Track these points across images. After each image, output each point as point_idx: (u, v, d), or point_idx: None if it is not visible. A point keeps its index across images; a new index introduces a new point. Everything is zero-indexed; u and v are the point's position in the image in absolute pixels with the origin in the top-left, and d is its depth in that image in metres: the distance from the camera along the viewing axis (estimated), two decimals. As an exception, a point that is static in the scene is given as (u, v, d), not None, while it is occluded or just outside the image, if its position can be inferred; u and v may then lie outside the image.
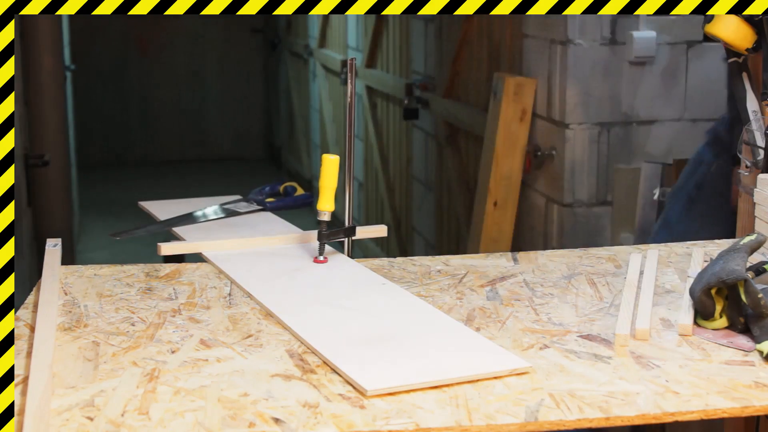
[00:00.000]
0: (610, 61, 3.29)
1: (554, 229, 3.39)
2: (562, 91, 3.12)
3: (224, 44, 8.49)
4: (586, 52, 3.29)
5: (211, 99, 8.67)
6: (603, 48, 3.30)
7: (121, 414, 1.11)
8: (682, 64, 3.35)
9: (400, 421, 1.11)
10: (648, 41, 3.27)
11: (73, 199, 5.40)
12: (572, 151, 3.14)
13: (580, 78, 3.14)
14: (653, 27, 3.30)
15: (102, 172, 7.98)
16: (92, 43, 8.15)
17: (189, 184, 7.67)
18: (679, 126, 3.41)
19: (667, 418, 1.14)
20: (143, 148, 8.58)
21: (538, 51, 3.26)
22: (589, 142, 3.17)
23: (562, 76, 3.12)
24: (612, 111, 3.36)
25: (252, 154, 8.58)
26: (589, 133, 3.15)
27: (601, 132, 3.42)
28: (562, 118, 3.12)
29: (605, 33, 3.31)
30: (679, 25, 3.30)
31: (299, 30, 7.14)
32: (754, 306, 1.35)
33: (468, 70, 3.87)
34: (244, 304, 1.51)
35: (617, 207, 3.47)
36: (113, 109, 8.46)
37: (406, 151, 4.76)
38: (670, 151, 3.41)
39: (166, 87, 8.54)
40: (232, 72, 8.56)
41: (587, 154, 3.18)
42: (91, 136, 8.19)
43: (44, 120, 3.63)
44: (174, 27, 8.41)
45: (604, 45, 3.31)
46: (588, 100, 3.17)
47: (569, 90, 3.11)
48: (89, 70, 7.99)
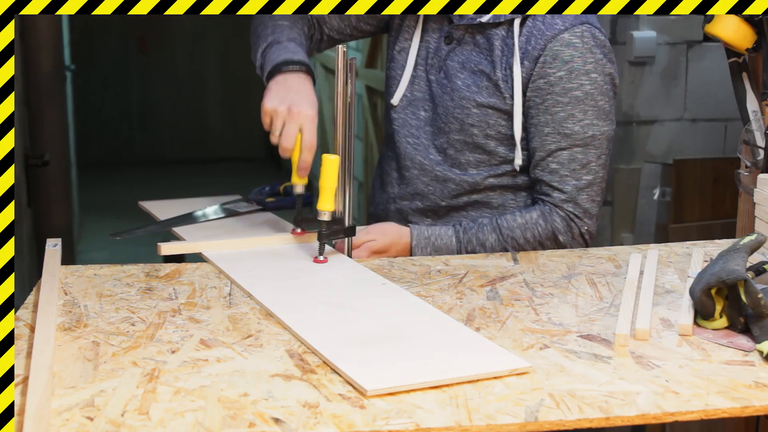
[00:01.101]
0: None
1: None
2: (562, 91, 3.11)
3: (224, 44, 8.50)
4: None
5: (211, 99, 8.67)
6: (603, 48, 3.29)
7: (121, 414, 1.11)
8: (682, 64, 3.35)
9: (400, 421, 1.11)
10: (648, 41, 3.28)
11: (73, 199, 5.40)
12: (572, 151, 3.13)
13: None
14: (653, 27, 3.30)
15: (102, 172, 7.97)
16: (92, 43, 8.15)
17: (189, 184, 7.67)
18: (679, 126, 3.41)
19: (667, 418, 1.14)
20: (143, 148, 8.58)
21: (538, 51, 3.26)
22: (589, 142, 3.15)
23: (562, 76, 3.11)
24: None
25: (252, 154, 8.58)
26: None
27: (601, 132, 3.40)
28: (562, 118, 3.11)
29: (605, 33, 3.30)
30: (679, 25, 3.30)
31: (299, 30, 7.12)
32: (754, 306, 1.35)
33: (468, 70, 3.86)
34: (244, 304, 1.51)
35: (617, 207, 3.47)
36: (113, 109, 8.46)
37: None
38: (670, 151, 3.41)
39: (166, 87, 8.54)
40: (232, 72, 8.56)
41: (587, 154, 3.17)
42: (91, 136, 8.19)
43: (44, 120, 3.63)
44: (174, 27, 8.41)
45: (604, 45, 3.31)
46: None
47: (569, 90, 3.10)
48: (89, 70, 7.99)
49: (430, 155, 1.93)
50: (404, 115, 1.97)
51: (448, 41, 1.91)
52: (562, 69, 1.80)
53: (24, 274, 3.30)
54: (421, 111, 1.95)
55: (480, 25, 1.86)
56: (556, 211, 1.86)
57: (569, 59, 1.80)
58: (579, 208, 1.86)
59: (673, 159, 3.34)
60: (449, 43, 1.91)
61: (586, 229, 1.87)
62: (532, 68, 1.81)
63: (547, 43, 1.80)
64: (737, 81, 2.11)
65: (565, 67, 1.80)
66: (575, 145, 1.83)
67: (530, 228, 1.86)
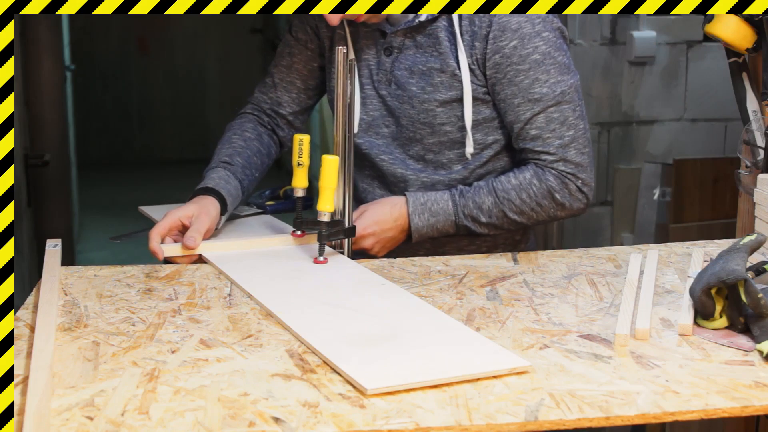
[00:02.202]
0: (610, 61, 3.29)
1: (554, 229, 3.40)
2: (562, 91, 3.11)
3: (224, 44, 8.50)
4: (586, 52, 3.29)
5: (211, 99, 8.67)
6: (603, 48, 3.30)
7: (121, 414, 1.11)
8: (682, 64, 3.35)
9: (400, 420, 1.11)
10: (648, 41, 3.28)
11: (73, 199, 5.40)
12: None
13: (580, 78, 3.14)
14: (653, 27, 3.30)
15: (102, 172, 7.98)
16: (92, 43, 8.15)
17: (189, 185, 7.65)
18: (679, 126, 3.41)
19: (667, 417, 1.14)
20: (143, 148, 8.58)
21: (538, 51, 3.26)
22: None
23: (562, 76, 3.11)
24: (612, 111, 3.36)
25: (252, 154, 8.56)
26: (589, 133, 3.16)
27: (601, 132, 3.42)
28: (562, 118, 3.11)
29: (605, 33, 3.31)
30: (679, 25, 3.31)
31: (299, 30, 7.13)
32: (754, 306, 1.35)
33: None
34: (244, 304, 1.51)
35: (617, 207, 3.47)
36: (113, 109, 8.46)
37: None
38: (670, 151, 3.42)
39: (166, 87, 8.54)
40: (232, 72, 8.56)
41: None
42: (91, 136, 8.19)
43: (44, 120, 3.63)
44: (174, 27, 8.41)
45: (604, 45, 3.32)
46: (588, 100, 3.18)
47: (569, 90, 3.10)
48: (89, 70, 7.99)
49: (410, 166, 1.93)
50: (368, 137, 1.95)
51: (388, 53, 1.89)
52: (514, 38, 1.79)
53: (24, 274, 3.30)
54: (383, 128, 1.93)
55: (419, 25, 1.85)
56: (548, 170, 1.85)
57: (517, 27, 1.79)
58: (570, 164, 1.85)
59: (673, 159, 3.34)
60: (390, 54, 1.89)
61: (582, 182, 1.86)
62: (484, 47, 1.81)
63: (491, 19, 1.79)
64: (737, 81, 2.11)
65: (516, 36, 1.79)
66: (548, 107, 1.83)
67: (525, 188, 1.85)
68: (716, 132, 3.43)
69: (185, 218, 1.78)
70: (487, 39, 1.80)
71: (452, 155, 1.90)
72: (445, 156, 1.90)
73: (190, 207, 1.80)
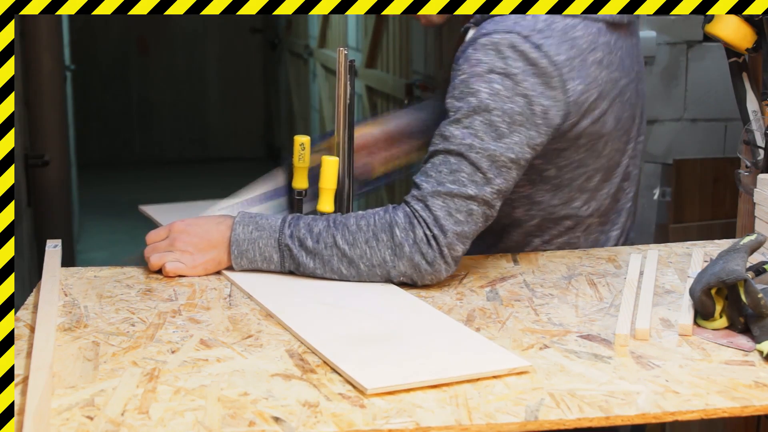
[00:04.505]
0: (610, 61, 3.28)
1: (554, 229, 3.39)
2: (562, 91, 3.11)
3: (224, 44, 8.50)
4: (586, 52, 3.27)
5: (211, 99, 8.67)
6: (603, 48, 3.29)
7: (121, 413, 1.11)
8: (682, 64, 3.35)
9: (400, 420, 1.11)
10: (648, 41, 3.27)
11: (73, 199, 5.40)
12: (572, 151, 3.13)
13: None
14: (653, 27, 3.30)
15: (102, 172, 7.98)
16: (92, 43, 8.16)
17: (189, 184, 7.68)
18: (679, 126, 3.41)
19: (667, 417, 1.14)
20: (143, 148, 8.59)
21: (538, 51, 3.26)
22: (589, 142, 3.16)
23: (562, 76, 3.11)
24: (612, 111, 3.35)
25: (252, 154, 8.58)
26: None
27: (601, 132, 3.40)
28: (562, 118, 3.11)
29: (605, 33, 3.30)
30: (679, 25, 3.30)
31: (299, 30, 7.14)
32: (754, 306, 1.35)
33: (468, 70, 3.86)
34: (244, 305, 1.51)
35: (617, 207, 3.46)
36: (113, 109, 8.47)
37: (406, 151, 4.75)
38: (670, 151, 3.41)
39: (166, 87, 8.54)
40: (232, 72, 8.56)
41: (587, 154, 3.17)
42: (91, 136, 8.19)
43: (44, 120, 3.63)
44: (174, 27, 8.41)
45: (604, 45, 3.30)
46: (588, 100, 3.17)
47: (569, 90, 3.10)
48: (89, 70, 8.00)
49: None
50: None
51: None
52: (466, 71, 1.59)
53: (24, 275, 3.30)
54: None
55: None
56: (403, 206, 1.59)
57: (475, 63, 1.59)
58: (429, 212, 1.56)
59: (673, 159, 3.34)
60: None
61: (433, 236, 1.55)
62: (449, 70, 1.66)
63: (467, 46, 1.63)
64: (737, 81, 2.11)
65: (468, 70, 1.59)
66: (450, 151, 1.58)
67: (366, 216, 1.59)
68: (716, 132, 3.42)
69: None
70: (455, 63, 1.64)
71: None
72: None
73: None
